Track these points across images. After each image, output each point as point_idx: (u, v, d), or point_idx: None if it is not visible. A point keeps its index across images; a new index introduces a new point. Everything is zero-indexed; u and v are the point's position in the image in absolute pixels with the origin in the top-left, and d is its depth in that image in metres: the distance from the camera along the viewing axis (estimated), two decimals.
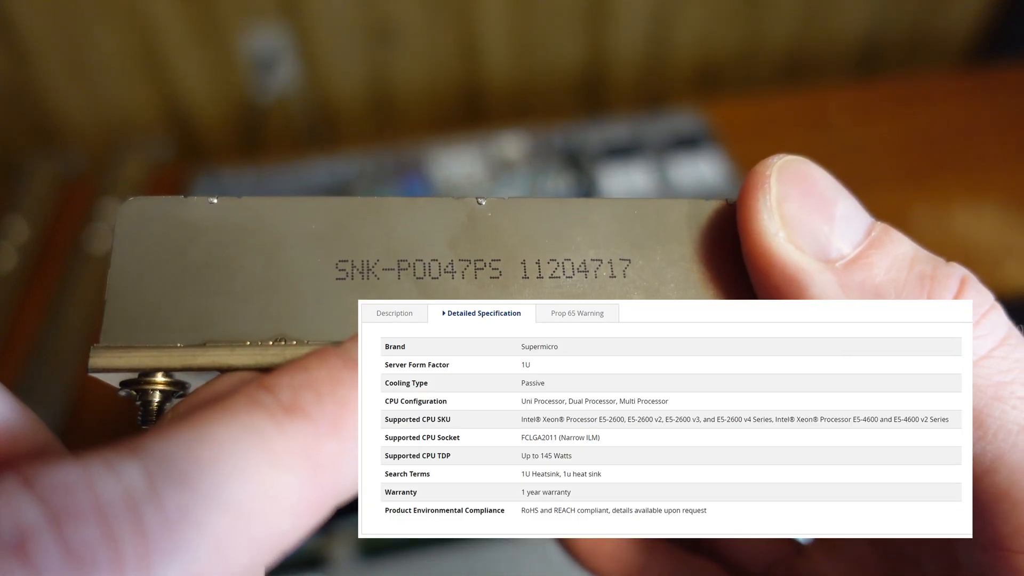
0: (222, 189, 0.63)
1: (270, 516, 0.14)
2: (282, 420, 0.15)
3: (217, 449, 0.14)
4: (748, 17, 1.20)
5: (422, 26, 1.09)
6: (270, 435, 0.15)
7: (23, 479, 0.12)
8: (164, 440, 0.14)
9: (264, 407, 0.15)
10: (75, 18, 0.97)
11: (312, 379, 0.16)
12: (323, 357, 0.17)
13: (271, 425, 0.15)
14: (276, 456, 0.14)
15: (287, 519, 0.14)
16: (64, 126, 1.08)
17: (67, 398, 0.52)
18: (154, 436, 0.14)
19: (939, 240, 0.65)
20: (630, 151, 0.64)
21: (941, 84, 0.79)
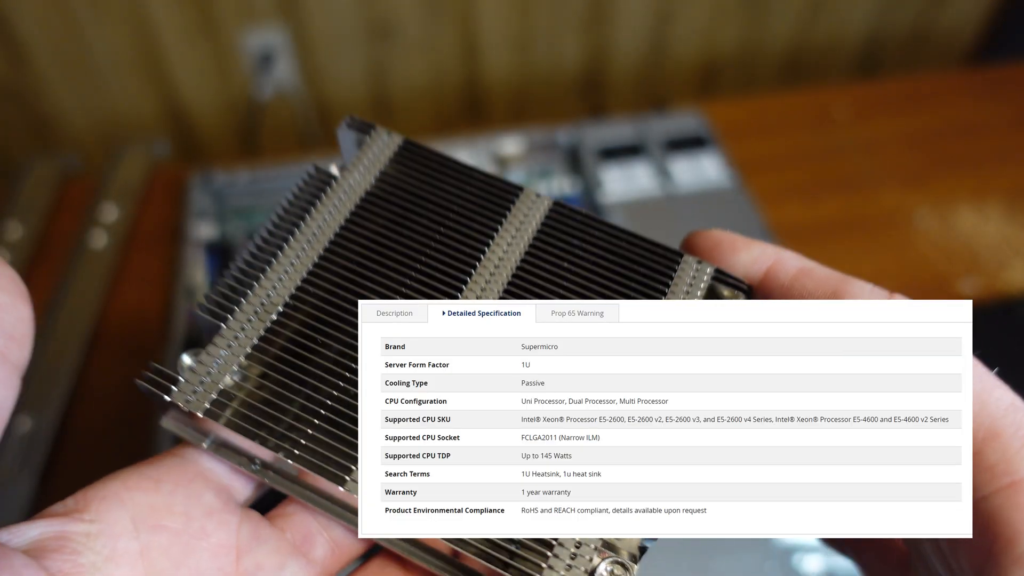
0: (220, 189, 0.63)
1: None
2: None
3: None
4: (749, 16, 1.20)
5: (422, 25, 1.09)
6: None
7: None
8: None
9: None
10: (72, 18, 0.97)
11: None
12: None
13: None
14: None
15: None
16: (61, 126, 1.08)
17: (62, 399, 0.52)
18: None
19: (945, 241, 0.64)
20: (631, 151, 0.64)
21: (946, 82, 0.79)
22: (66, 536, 0.16)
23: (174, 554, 0.17)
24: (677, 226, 0.58)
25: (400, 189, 0.22)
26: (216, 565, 0.17)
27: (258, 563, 0.18)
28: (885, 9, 1.24)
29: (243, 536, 0.18)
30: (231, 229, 0.62)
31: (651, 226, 0.58)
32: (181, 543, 0.17)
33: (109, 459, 0.51)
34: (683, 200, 0.60)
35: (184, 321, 0.53)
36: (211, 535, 0.18)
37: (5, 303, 0.15)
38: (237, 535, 0.18)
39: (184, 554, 0.17)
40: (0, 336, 0.15)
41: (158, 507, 0.17)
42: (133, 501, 0.17)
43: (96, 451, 0.51)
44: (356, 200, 0.22)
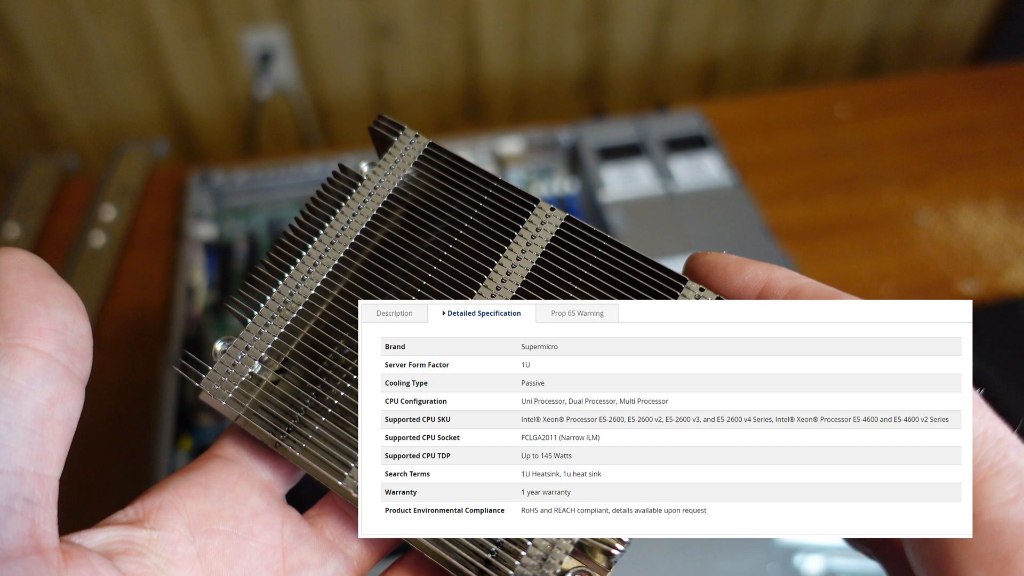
0: (219, 188, 0.63)
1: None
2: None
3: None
4: (750, 16, 1.20)
5: (421, 25, 1.09)
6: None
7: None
8: None
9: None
10: (72, 18, 0.97)
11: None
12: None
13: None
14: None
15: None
16: (60, 126, 1.08)
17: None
18: None
19: (946, 241, 0.64)
20: (631, 150, 0.64)
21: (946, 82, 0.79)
22: (131, 540, 0.17)
23: (227, 555, 0.19)
24: (677, 226, 0.58)
25: (422, 192, 0.23)
26: (265, 564, 0.19)
27: (303, 560, 0.20)
28: (886, 9, 1.24)
29: (287, 535, 0.20)
30: (230, 229, 0.62)
31: (651, 226, 0.58)
32: (232, 545, 0.19)
33: (108, 457, 0.51)
34: (683, 200, 0.60)
35: (183, 320, 0.53)
36: (258, 536, 0.19)
37: (67, 320, 0.17)
38: (282, 535, 0.20)
39: (236, 555, 0.19)
40: (64, 352, 0.16)
41: (209, 513, 0.19)
42: (187, 509, 0.19)
43: (95, 449, 0.51)
44: (381, 201, 0.23)
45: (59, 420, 0.16)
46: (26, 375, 0.16)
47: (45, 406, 0.16)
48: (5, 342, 0.16)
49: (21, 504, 0.15)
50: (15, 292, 0.16)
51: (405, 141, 0.23)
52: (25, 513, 0.15)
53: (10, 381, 0.15)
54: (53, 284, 0.17)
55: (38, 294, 0.17)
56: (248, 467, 0.20)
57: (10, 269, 0.17)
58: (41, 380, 0.16)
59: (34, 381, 0.16)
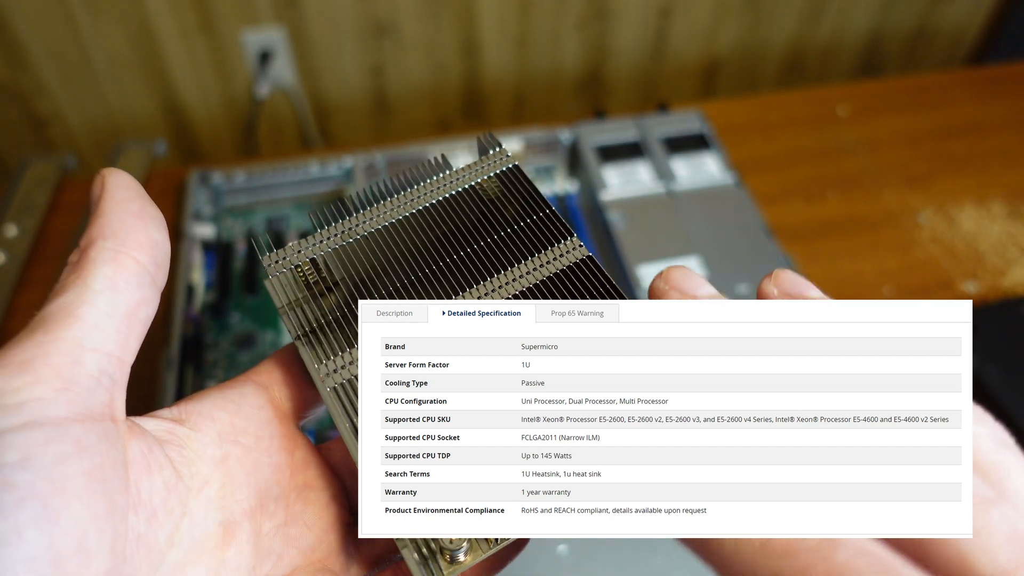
0: (218, 188, 0.63)
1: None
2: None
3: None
4: (751, 15, 1.20)
5: (421, 24, 1.08)
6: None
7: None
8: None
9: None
10: (70, 18, 0.97)
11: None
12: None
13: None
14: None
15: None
16: (59, 125, 1.08)
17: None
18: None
19: (948, 240, 0.64)
20: (631, 150, 0.64)
21: (948, 81, 0.79)
22: (174, 433, 0.20)
23: (245, 464, 0.21)
24: (678, 226, 0.58)
25: (480, 199, 0.26)
26: (275, 478, 0.22)
27: (307, 482, 0.23)
28: (887, 8, 1.24)
29: (297, 459, 0.23)
30: (228, 228, 0.62)
31: (652, 226, 0.58)
32: (251, 457, 0.22)
33: None
34: (684, 200, 0.60)
35: (182, 320, 0.53)
36: (273, 455, 0.22)
37: (159, 240, 0.20)
38: (292, 457, 0.23)
39: (253, 466, 0.22)
40: (154, 265, 0.20)
41: (237, 427, 0.22)
42: (219, 419, 0.22)
43: None
44: (455, 190, 0.26)
45: (141, 319, 0.19)
46: (125, 278, 0.19)
47: (134, 305, 0.19)
48: (112, 248, 0.19)
49: (107, 380, 0.18)
50: (123, 209, 0.20)
51: (497, 155, 0.27)
52: (108, 388, 0.18)
53: (113, 280, 0.19)
54: (151, 207, 0.21)
55: (140, 212, 0.20)
56: (275, 396, 0.23)
57: (119, 187, 0.20)
58: (136, 284, 0.19)
59: (130, 283, 0.19)
